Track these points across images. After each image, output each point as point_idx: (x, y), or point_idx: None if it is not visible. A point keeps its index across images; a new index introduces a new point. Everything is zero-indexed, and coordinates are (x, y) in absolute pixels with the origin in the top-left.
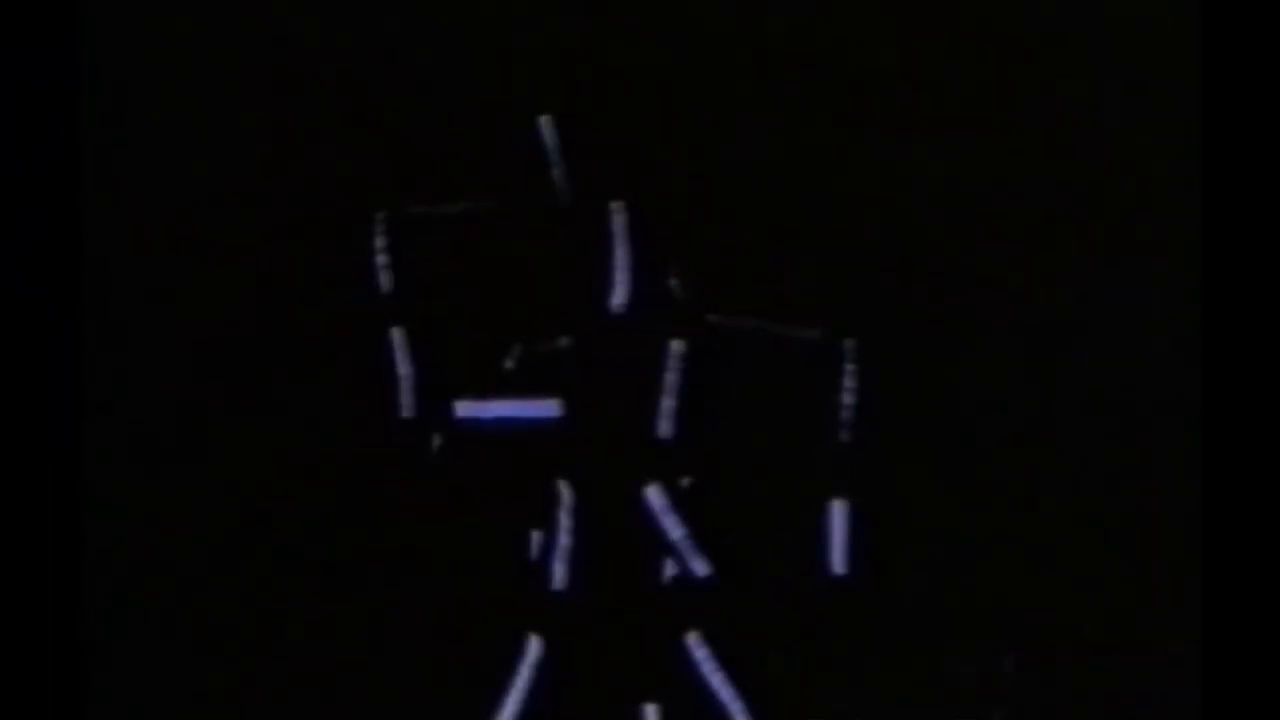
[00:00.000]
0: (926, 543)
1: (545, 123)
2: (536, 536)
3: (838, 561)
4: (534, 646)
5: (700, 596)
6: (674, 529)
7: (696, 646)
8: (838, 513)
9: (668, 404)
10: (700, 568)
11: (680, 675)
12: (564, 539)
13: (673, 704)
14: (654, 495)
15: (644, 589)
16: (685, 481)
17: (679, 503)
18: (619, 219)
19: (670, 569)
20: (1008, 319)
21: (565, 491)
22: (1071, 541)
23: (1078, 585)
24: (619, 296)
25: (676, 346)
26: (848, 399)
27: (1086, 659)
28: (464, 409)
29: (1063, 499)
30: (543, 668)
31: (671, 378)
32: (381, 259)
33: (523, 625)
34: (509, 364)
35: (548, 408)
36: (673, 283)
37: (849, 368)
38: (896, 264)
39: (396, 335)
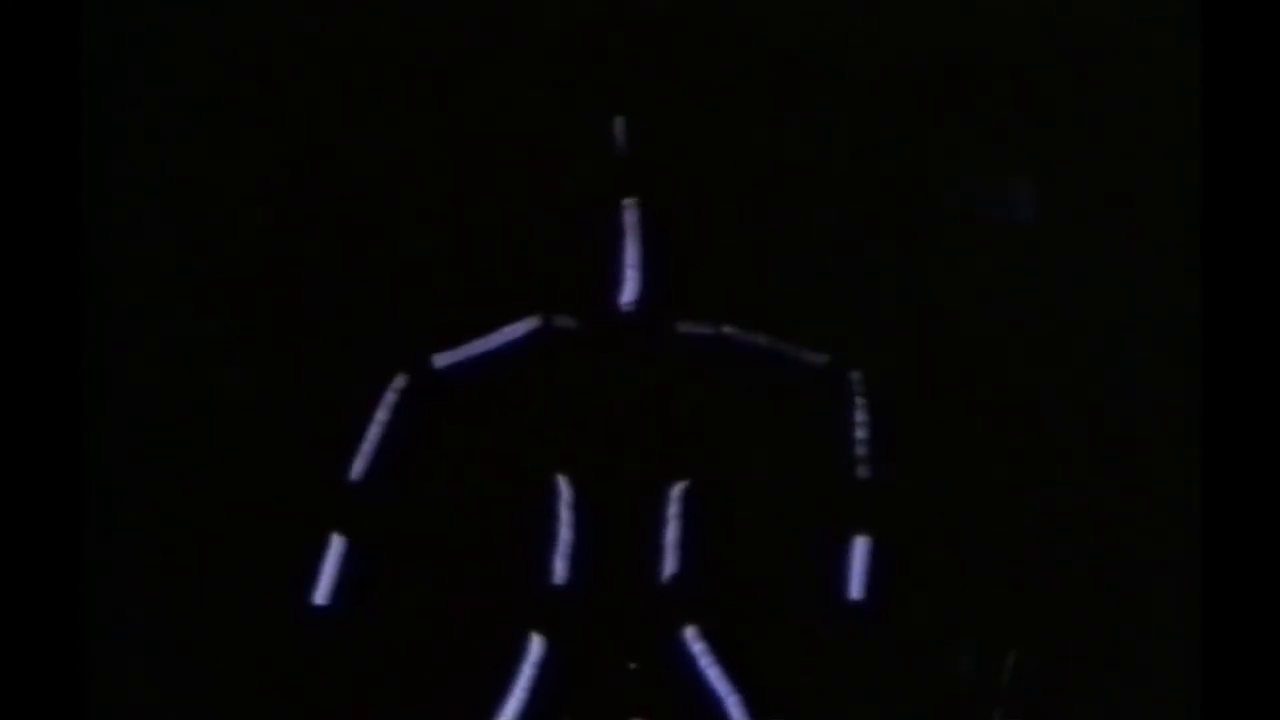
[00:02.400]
0: (926, 543)
1: (619, 124)
2: (539, 531)
3: (843, 566)
4: (535, 641)
5: (697, 593)
6: (672, 529)
7: (693, 640)
8: (854, 542)
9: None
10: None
11: (677, 669)
12: (565, 534)
13: (669, 697)
14: (655, 495)
15: (643, 585)
16: (683, 484)
17: (678, 502)
18: (631, 216)
19: (669, 566)
20: (1009, 326)
21: (565, 487)
22: (1072, 542)
23: (1078, 586)
24: (629, 294)
25: (686, 353)
26: (860, 433)
27: (1086, 659)
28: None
29: (1064, 502)
30: (544, 662)
31: (678, 380)
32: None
33: (524, 620)
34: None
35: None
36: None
37: (859, 401)
38: (901, 280)
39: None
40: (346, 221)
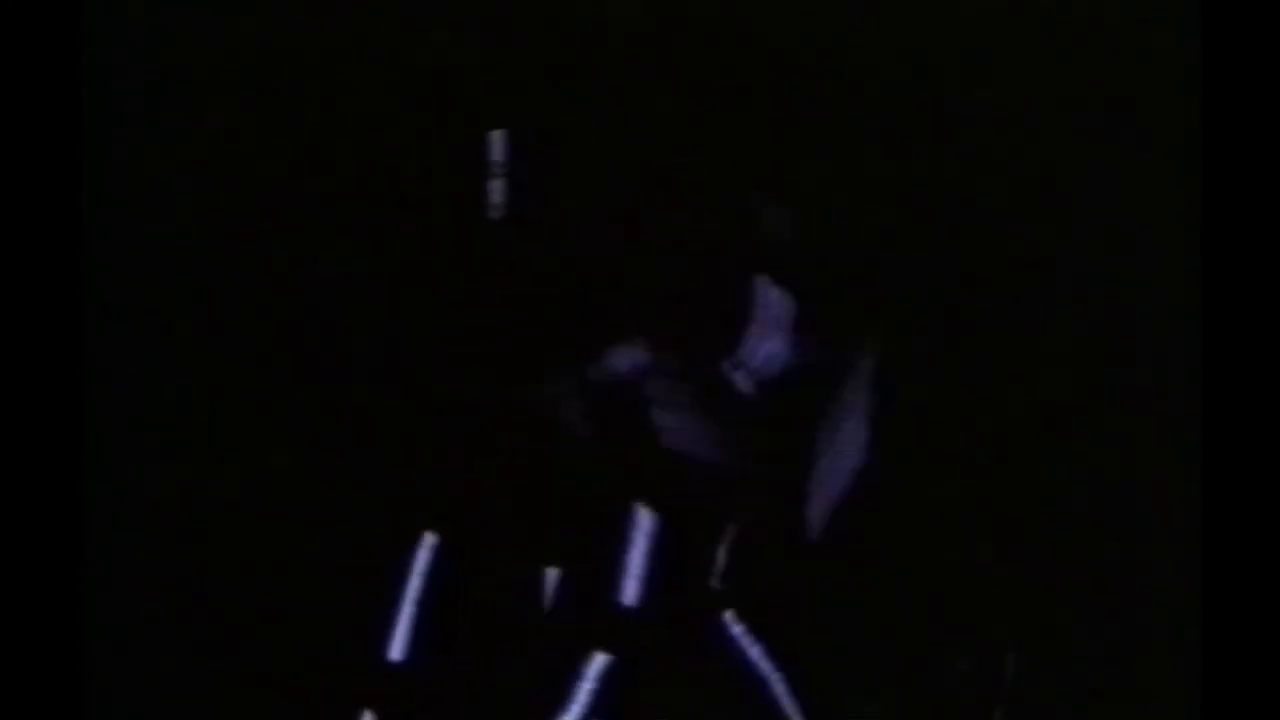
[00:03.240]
0: (928, 544)
1: (496, 137)
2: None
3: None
4: (598, 658)
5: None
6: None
7: (732, 623)
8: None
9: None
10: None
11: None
12: (638, 560)
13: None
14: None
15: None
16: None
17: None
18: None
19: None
20: (1011, 326)
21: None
22: (1072, 543)
23: (1078, 585)
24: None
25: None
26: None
27: (1086, 659)
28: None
29: (1065, 503)
30: (607, 676)
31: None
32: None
33: (590, 639)
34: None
35: None
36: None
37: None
38: (906, 270)
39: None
40: (346, 221)
